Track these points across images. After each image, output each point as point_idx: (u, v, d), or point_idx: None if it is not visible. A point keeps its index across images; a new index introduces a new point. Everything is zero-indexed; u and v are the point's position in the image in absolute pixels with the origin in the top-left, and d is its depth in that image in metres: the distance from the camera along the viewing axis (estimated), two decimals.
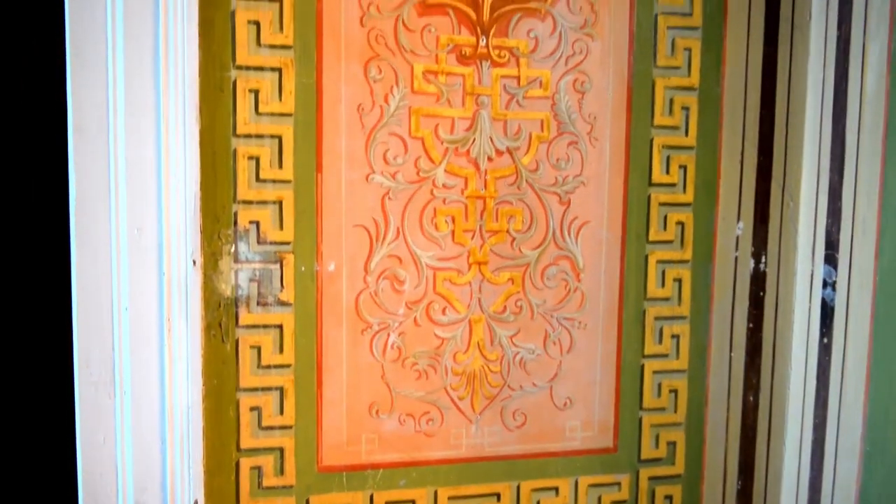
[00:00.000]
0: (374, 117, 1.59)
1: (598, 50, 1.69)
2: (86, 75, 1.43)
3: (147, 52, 1.45)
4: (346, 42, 1.56)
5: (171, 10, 1.45)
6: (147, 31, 1.44)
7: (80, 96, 1.44)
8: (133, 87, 1.44)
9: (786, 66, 1.79)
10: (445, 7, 1.61)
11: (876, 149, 1.65)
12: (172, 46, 1.46)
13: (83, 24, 1.43)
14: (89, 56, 1.43)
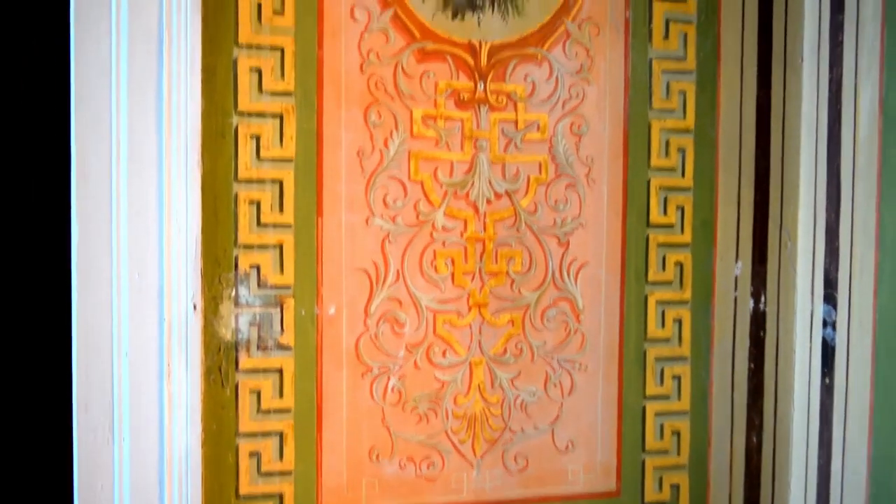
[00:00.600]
0: (374, 161, 1.61)
1: (595, 94, 1.72)
2: (89, 122, 1.45)
3: (150, 99, 1.48)
4: (347, 88, 1.59)
5: (175, 58, 1.48)
6: (150, 79, 1.47)
7: (83, 142, 1.46)
8: (136, 134, 1.47)
9: (780, 108, 1.82)
10: (444, 54, 1.64)
11: (871, 189, 1.66)
12: (175, 93, 1.48)
13: (87, 70, 1.46)
14: (93, 102, 1.46)
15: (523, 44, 1.67)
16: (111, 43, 1.46)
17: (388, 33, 1.61)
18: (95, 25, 1.46)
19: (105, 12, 1.46)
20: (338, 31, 1.58)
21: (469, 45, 1.65)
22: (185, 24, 1.49)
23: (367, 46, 1.60)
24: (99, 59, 1.46)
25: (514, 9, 1.67)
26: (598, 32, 1.72)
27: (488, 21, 1.65)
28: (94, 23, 1.46)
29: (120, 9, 1.46)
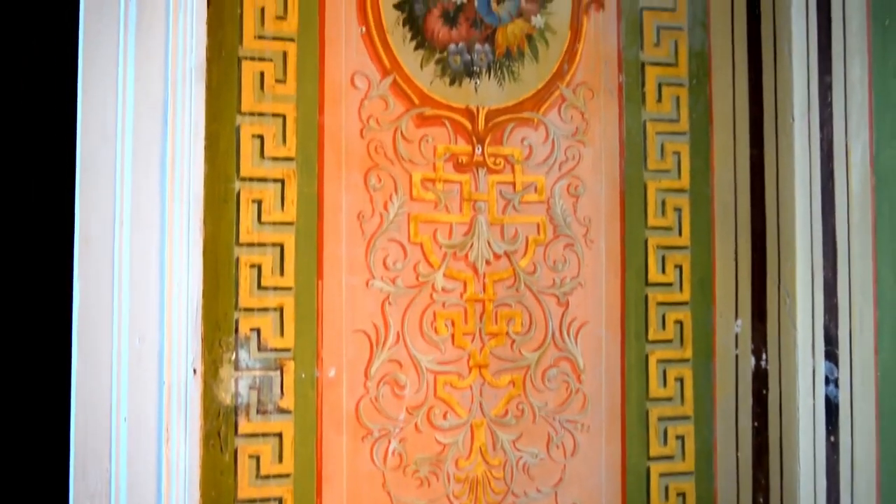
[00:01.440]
0: (374, 224, 1.63)
1: (590, 155, 1.75)
2: (93, 185, 1.48)
3: (154, 165, 1.50)
4: (347, 153, 1.62)
5: (179, 126, 1.52)
6: (155, 145, 1.50)
7: (86, 206, 1.48)
8: (139, 199, 1.49)
9: (773, 167, 1.85)
10: (442, 118, 1.67)
11: (866, 245, 1.68)
12: (179, 160, 1.51)
13: (92, 135, 1.49)
14: (98, 167, 1.48)
15: (519, 108, 1.72)
16: (117, 109, 1.50)
17: (388, 100, 1.65)
18: (102, 92, 1.50)
19: (112, 80, 1.50)
20: (338, 98, 1.62)
21: (467, 110, 1.69)
22: (190, 93, 1.53)
23: (367, 112, 1.64)
24: (104, 125, 1.50)
25: (509, 75, 1.71)
26: (593, 96, 1.76)
27: (485, 87, 1.70)
28: (100, 89, 1.50)
29: (126, 76, 1.51)
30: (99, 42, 1.51)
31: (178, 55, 1.52)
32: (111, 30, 1.51)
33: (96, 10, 1.51)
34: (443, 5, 1.68)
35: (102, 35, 1.51)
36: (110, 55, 1.51)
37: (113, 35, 1.51)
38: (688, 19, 1.82)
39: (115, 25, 1.51)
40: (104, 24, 1.51)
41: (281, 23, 1.60)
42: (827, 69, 1.77)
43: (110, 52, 1.51)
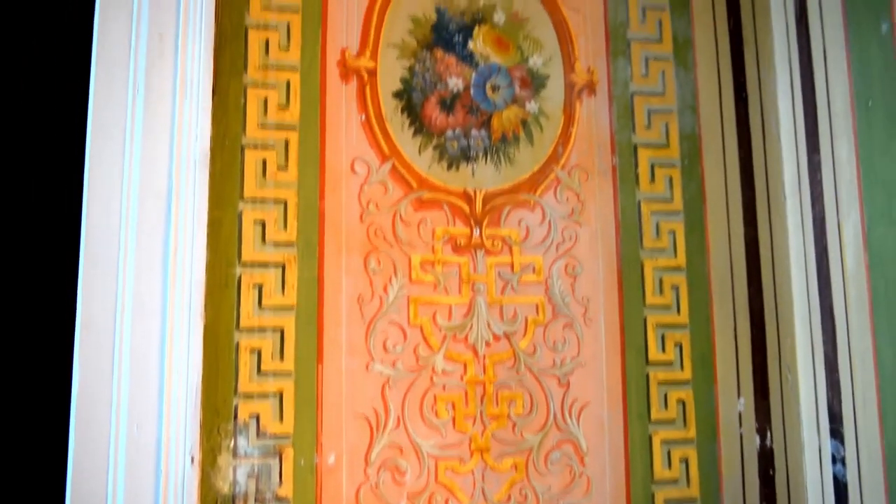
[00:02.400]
0: (374, 307, 1.64)
1: (587, 236, 1.78)
2: (96, 271, 1.49)
3: (157, 251, 1.52)
4: (347, 237, 1.64)
5: (182, 212, 1.54)
6: (158, 232, 1.52)
7: (89, 292, 1.49)
8: (141, 285, 1.50)
9: (767, 244, 1.88)
10: (440, 202, 1.71)
11: (864, 321, 1.68)
12: (182, 246, 1.53)
13: (97, 221, 1.51)
14: (101, 253, 1.50)
15: (516, 191, 1.75)
16: (122, 197, 1.53)
17: (387, 184, 1.68)
18: (108, 179, 1.53)
19: (117, 169, 1.54)
20: (339, 183, 1.66)
21: (464, 193, 1.72)
22: (194, 181, 1.56)
23: (367, 197, 1.67)
24: (109, 212, 1.52)
25: (506, 158, 1.75)
26: (588, 178, 1.80)
27: (482, 170, 1.74)
28: (106, 177, 1.53)
29: (132, 165, 1.54)
30: (106, 131, 1.55)
31: (182, 144, 1.56)
32: (118, 119, 1.55)
33: (104, 99, 1.56)
34: (440, 93, 1.74)
35: (109, 124, 1.55)
36: (116, 144, 1.55)
37: (119, 124, 1.55)
38: (677, 103, 1.88)
39: (122, 115, 1.56)
40: (111, 113, 1.55)
41: (283, 112, 1.65)
42: (815, 148, 1.81)
43: (116, 140, 1.55)
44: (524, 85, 1.79)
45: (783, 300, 1.84)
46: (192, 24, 1.59)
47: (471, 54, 1.76)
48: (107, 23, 1.58)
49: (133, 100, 1.56)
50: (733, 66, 1.93)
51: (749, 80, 1.93)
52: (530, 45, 1.81)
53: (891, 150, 1.63)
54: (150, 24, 1.58)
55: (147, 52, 1.58)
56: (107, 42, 1.58)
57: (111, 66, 1.57)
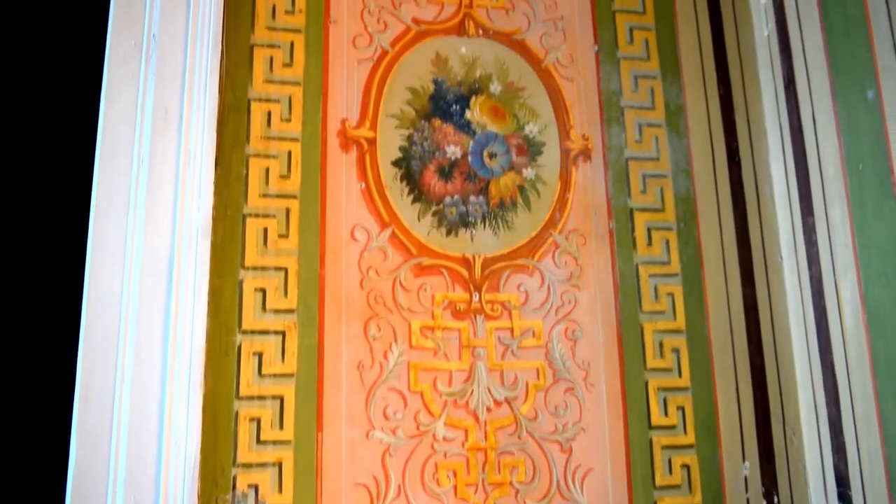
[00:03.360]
0: (374, 374, 1.63)
1: (586, 299, 1.79)
2: (96, 343, 1.49)
3: (157, 322, 1.53)
4: (347, 303, 1.65)
5: (184, 282, 1.56)
6: (159, 304, 1.53)
7: (88, 363, 1.49)
8: (141, 357, 1.50)
9: (766, 305, 1.88)
10: (440, 267, 1.72)
11: (866, 381, 1.68)
12: (182, 315, 1.54)
13: (98, 292, 1.52)
14: (102, 323, 1.50)
15: (515, 256, 1.77)
16: (124, 267, 1.54)
17: (387, 251, 1.70)
18: (111, 250, 1.55)
19: (120, 239, 1.55)
20: (339, 250, 1.68)
21: (463, 259, 1.74)
22: (195, 251, 1.57)
23: (367, 264, 1.68)
24: (111, 281, 1.53)
25: (504, 224, 1.78)
26: (585, 242, 1.82)
27: (480, 236, 1.76)
28: (109, 248, 1.54)
29: (135, 235, 1.56)
30: (110, 200, 1.57)
31: (185, 214, 1.58)
32: (122, 189, 1.58)
33: (109, 170, 1.58)
34: (438, 161, 1.77)
35: (113, 194, 1.58)
36: (120, 214, 1.57)
37: (123, 194, 1.58)
38: (671, 167, 1.91)
39: (126, 185, 1.59)
40: (116, 183, 1.58)
41: (285, 181, 1.68)
42: (809, 210, 1.84)
43: (120, 210, 1.57)
44: (521, 152, 1.83)
45: (784, 361, 1.84)
46: (197, 98, 1.64)
47: (468, 123, 1.81)
48: (113, 96, 1.62)
49: (137, 171, 1.59)
50: (725, 132, 1.97)
51: (741, 144, 1.97)
52: (526, 113, 1.85)
53: (883, 213, 1.65)
54: (155, 98, 1.63)
55: (152, 125, 1.61)
56: (113, 115, 1.62)
57: (117, 138, 1.60)
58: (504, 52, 1.87)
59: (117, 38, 1.65)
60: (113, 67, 1.64)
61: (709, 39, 2.02)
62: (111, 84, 1.63)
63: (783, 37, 1.92)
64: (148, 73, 1.64)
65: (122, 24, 1.66)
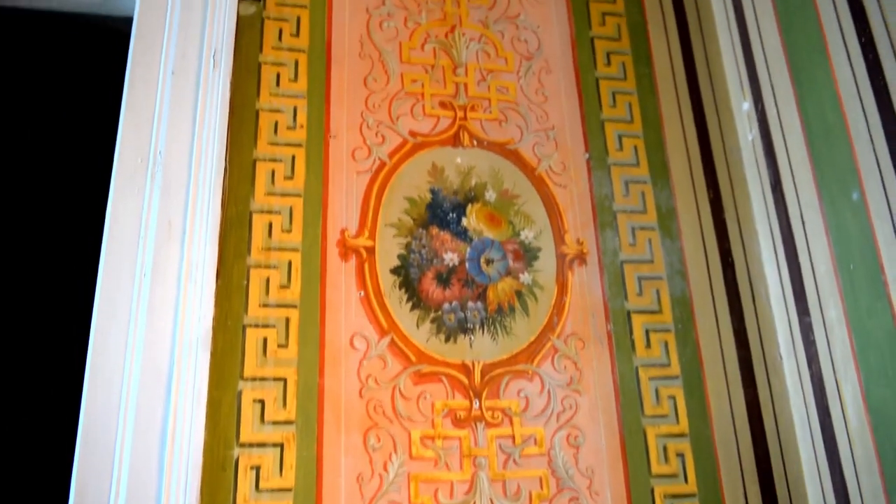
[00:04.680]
0: (374, 486, 1.60)
1: (587, 404, 1.77)
2: (92, 459, 1.47)
3: (154, 436, 1.52)
4: (346, 413, 1.64)
5: (182, 394, 1.55)
6: (157, 417, 1.52)
7: (83, 478, 1.46)
8: (137, 471, 1.47)
9: (769, 405, 1.87)
10: (439, 374, 1.72)
11: (875, 483, 1.64)
12: (180, 430, 1.52)
13: (96, 406, 1.51)
14: (98, 440, 1.49)
15: (514, 361, 1.77)
16: (123, 379, 1.54)
17: (386, 359, 1.70)
18: (110, 359, 1.55)
19: (120, 349, 1.56)
20: (338, 359, 1.68)
21: (463, 366, 1.74)
22: (195, 362, 1.58)
23: (366, 372, 1.68)
24: (109, 395, 1.53)
25: (502, 329, 1.79)
26: (584, 346, 1.82)
27: (479, 342, 1.76)
28: (108, 357, 1.55)
29: (135, 346, 1.56)
30: (111, 312, 1.59)
31: (185, 326, 1.60)
32: (123, 301, 1.60)
33: (112, 282, 1.61)
34: (436, 268, 1.80)
35: (115, 305, 1.59)
36: (121, 325, 1.58)
37: (125, 306, 1.60)
38: (666, 270, 1.94)
39: (128, 297, 1.61)
40: (117, 295, 1.60)
41: (284, 291, 1.70)
42: (805, 310, 1.85)
43: (121, 322, 1.58)
44: (517, 258, 1.86)
45: (791, 462, 1.81)
46: (200, 212, 1.68)
47: (465, 230, 1.85)
48: (118, 210, 1.66)
49: (140, 283, 1.62)
50: (717, 233, 2.01)
51: (733, 245, 2.00)
52: (521, 219, 1.90)
53: (877, 311, 1.66)
54: (159, 213, 1.67)
55: (156, 238, 1.65)
56: (118, 228, 1.65)
57: (120, 250, 1.63)
58: (498, 161, 1.94)
59: (124, 155, 1.71)
60: (119, 183, 1.69)
61: (696, 145, 2.09)
62: (117, 198, 1.68)
63: (767, 142, 1.99)
64: (153, 188, 1.69)
65: (129, 140, 1.72)
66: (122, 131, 1.73)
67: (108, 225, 1.66)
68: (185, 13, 1.85)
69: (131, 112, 1.74)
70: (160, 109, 1.75)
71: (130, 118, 1.74)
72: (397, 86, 1.94)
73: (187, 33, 1.83)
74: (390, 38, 1.99)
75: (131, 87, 1.77)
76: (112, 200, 1.68)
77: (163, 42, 1.82)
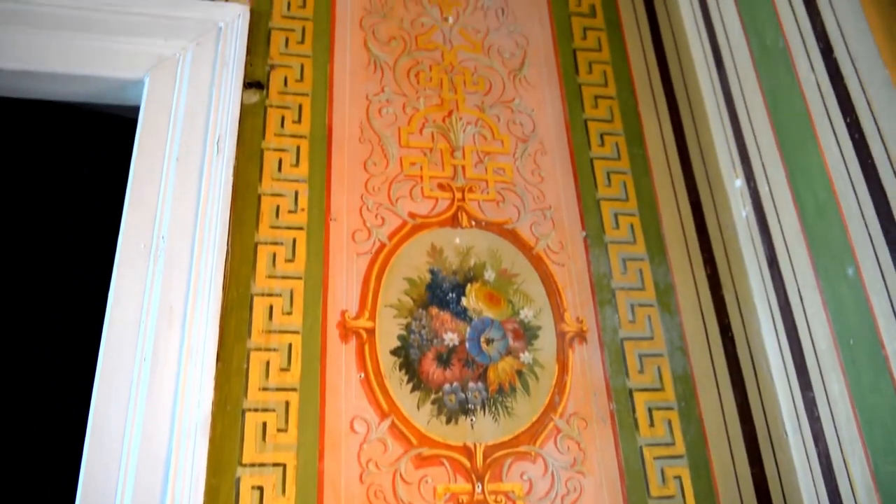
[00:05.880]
0: None
1: (592, 486, 1.74)
2: None
3: None
4: (347, 499, 1.61)
5: (180, 482, 1.53)
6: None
7: None
8: None
9: (776, 483, 1.84)
10: (440, 458, 1.69)
11: None
12: None
13: (93, 489, 1.49)
14: None
15: (516, 442, 1.74)
16: (120, 464, 1.52)
17: (387, 442, 1.68)
18: (107, 450, 1.53)
19: (118, 434, 1.55)
20: (338, 443, 1.66)
21: (464, 448, 1.71)
22: (193, 448, 1.56)
23: (367, 456, 1.66)
24: (105, 483, 1.50)
25: (504, 410, 1.77)
26: (587, 426, 1.80)
27: (481, 423, 1.74)
28: (106, 442, 1.53)
29: (133, 431, 1.55)
30: (110, 397, 1.58)
31: (184, 411, 1.58)
32: (122, 386, 1.59)
33: (111, 367, 1.61)
34: (436, 349, 1.80)
35: (114, 390, 1.59)
36: (119, 411, 1.57)
37: (124, 391, 1.59)
38: (666, 346, 1.94)
39: (127, 382, 1.60)
40: (117, 380, 1.60)
41: (284, 374, 1.69)
42: (807, 385, 1.84)
43: (120, 407, 1.57)
44: (517, 337, 1.86)
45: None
46: (201, 296, 1.70)
47: (464, 310, 1.86)
48: (120, 295, 1.68)
49: (140, 368, 1.62)
50: (716, 309, 2.02)
51: (732, 320, 2.01)
52: (520, 298, 1.91)
53: (880, 388, 1.65)
54: (161, 297, 1.68)
55: (157, 323, 1.66)
56: (119, 311, 1.67)
57: (121, 334, 1.64)
58: (496, 240, 1.96)
59: (128, 240, 1.74)
60: (122, 267, 1.71)
61: (691, 221, 2.12)
62: (119, 283, 1.69)
63: (761, 218, 2.02)
64: (155, 273, 1.71)
65: (133, 226, 1.75)
66: (127, 217, 1.76)
67: (110, 309, 1.67)
68: (190, 102, 1.91)
69: (136, 198, 1.78)
70: (164, 195, 1.79)
71: (135, 204, 1.77)
72: (396, 169, 1.99)
73: (192, 121, 1.89)
74: (389, 123, 2.04)
75: (136, 174, 1.81)
76: (114, 285, 1.69)
77: (168, 130, 1.87)
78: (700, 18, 2.32)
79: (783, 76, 1.94)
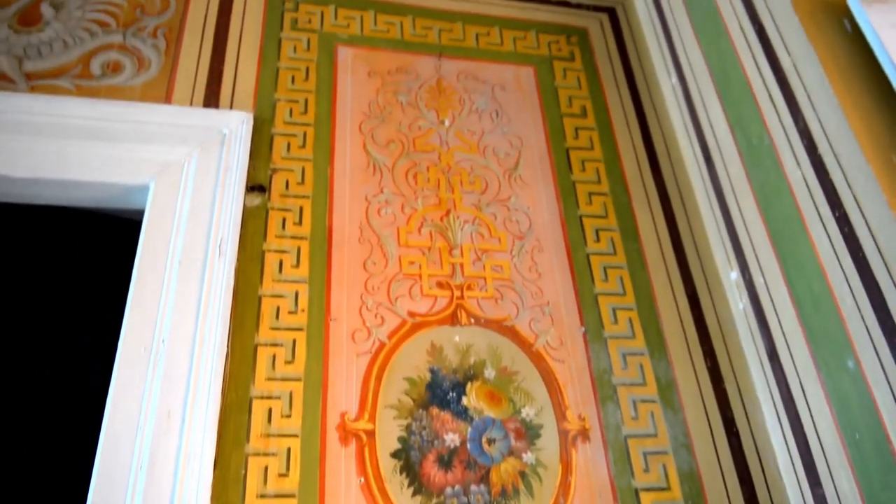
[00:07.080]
0: None
1: None
2: None
3: None
4: None
5: None
6: None
7: None
8: None
9: None
10: None
11: None
12: None
13: None
14: None
15: None
16: None
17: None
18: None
19: None
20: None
21: None
22: None
23: None
24: None
25: None
26: None
27: None
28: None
29: None
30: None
31: None
32: (118, 496, 1.56)
33: (106, 477, 1.58)
34: (437, 450, 1.77)
35: (110, 499, 1.55)
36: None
37: (119, 500, 1.56)
38: (671, 443, 1.91)
39: (123, 492, 1.57)
40: (112, 490, 1.57)
41: (283, 480, 1.66)
42: (816, 482, 1.81)
43: None
44: (519, 436, 1.84)
45: None
46: (200, 400, 1.68)
47: (465, 409, 1.84)
48: (119, 400, 1.67)
49: (136, 476, 1.59)
50: (718, 403, 2.00)
51: (736, 414, 1.99)
52: (521, 396, 1.89)
53: (891, 484, 1.62)
54: (159, 402, 1.67)
55: (154, 429, 1.64)
56: (117, 416, 1.65)
57: (118, 439, 1.62)
58: (496, 338, 1.96)
59: (128, 344, 1.74)
60: (121, 372, 1.70)
61: (689, 315, 2.13)
62: (118, 387, 1.68)
63: (758, 310, 2.03)
64: (154, 378, 1.70)
65: (134, 330, 1.76)
66: (128, 321, 1.77)
67: (108, 413, 1.65)
68: (194, 205, 1.95)
69: (138, 301, 1.80)
70: (165, 298, 1.81)
71: (137, 307, 1.79)
72: (396, 268, 2.01)
73: (195, 224, 1.93)
74: (388, 223, 2.09)
75: (139, 277, 1.83)
76: (113, 389, 1.68)
77: (171, 233, 1.91)
78: (687, 116, 2.40)
79: (771, 172, 1.99)
